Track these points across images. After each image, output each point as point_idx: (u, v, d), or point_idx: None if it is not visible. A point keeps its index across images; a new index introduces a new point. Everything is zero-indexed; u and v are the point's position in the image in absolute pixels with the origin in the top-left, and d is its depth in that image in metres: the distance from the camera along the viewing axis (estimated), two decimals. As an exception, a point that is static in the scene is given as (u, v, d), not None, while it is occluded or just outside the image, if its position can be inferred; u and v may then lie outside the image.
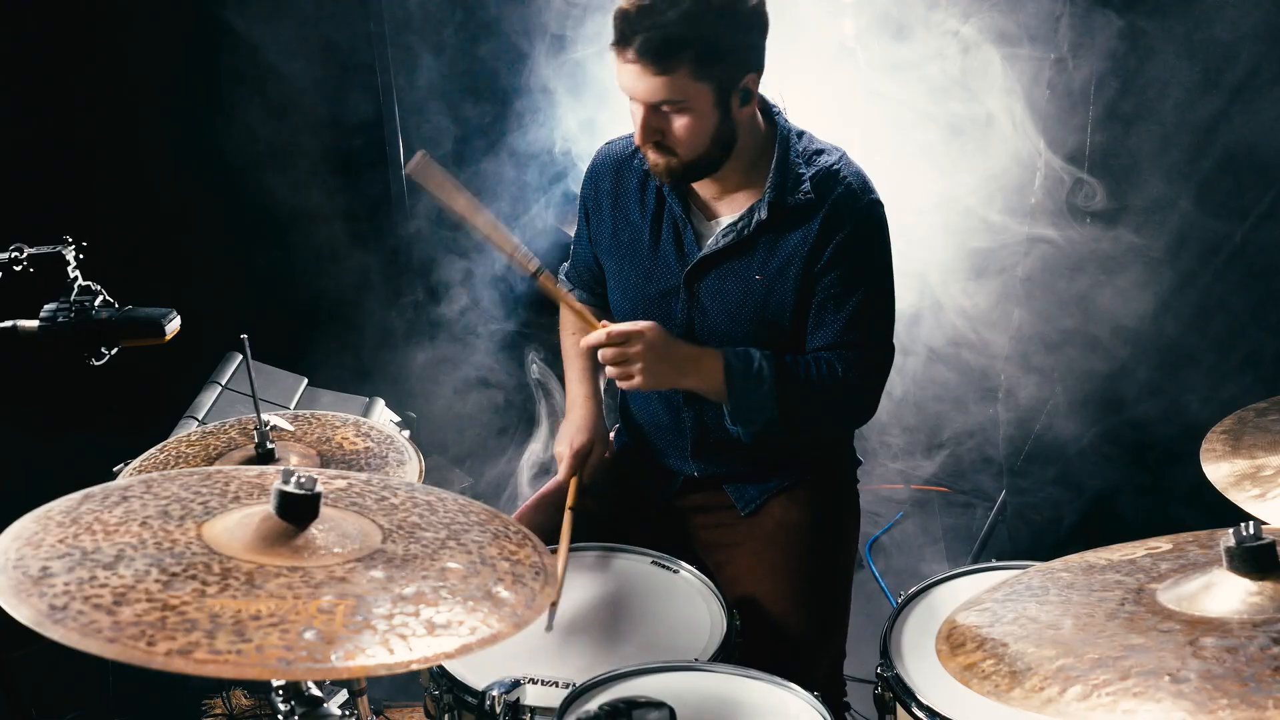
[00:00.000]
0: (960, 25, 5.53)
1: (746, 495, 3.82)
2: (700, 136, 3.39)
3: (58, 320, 3.02)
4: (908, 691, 2.96)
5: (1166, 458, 5.17)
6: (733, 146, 3.46)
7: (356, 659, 1.94)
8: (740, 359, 3.54)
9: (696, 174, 3.52)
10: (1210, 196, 4.98)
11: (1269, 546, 2.08)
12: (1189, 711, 1.80)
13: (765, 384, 3.51)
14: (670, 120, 3.38)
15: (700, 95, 3.32)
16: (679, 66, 3.27)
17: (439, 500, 2.63)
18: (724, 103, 3.36)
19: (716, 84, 3.32)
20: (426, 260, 6.58)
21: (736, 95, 3.37)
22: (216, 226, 6.15)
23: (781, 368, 3.53)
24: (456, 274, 6.44)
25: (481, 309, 6.44)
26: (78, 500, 2.33)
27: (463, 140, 6.42)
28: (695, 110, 3.35)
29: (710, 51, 3.26)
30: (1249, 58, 4.78)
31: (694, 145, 3.41)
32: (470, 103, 6.42)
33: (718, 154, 3.46)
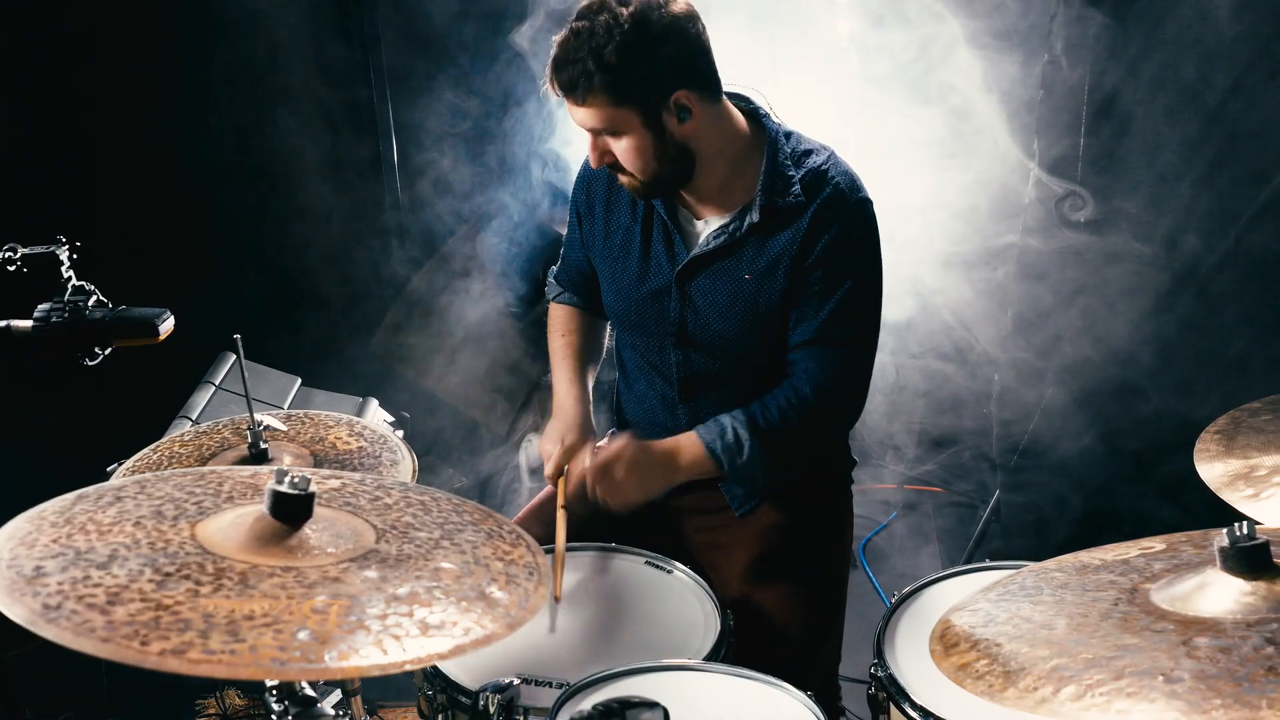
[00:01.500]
0: (954, 26, 5.53)
1: (740, 495, 3.82)
2: (643, 157, 3.42)
3: (51, 320, 3.02)
4: (901, 691, 2.96)
5: (1160, 458, 5.17)
6: (691, 160, 3.47)
7: (350, 659, 1.94)
8: (713, 433, 3.60)
9: (665, 189, 3.55)
10: (1204, 197, 4.99)
11: (1263, 546, 2.09)
12: (1182, 712, 1.80)
13: (745, 447, 3.56)
14: (612, 144, 3.43)
15: (626, 120, 3.36)
16: (593, 97, 3.32)
17: (432, 500, 2.63)
18: (655, 123, 3.37)
19: (640, 107, 3.34)
20: (421, 260, 6.58)
21: (669, 114, 3.37)
22: (210, 227, 6.15)
23: (755, 426, 3.56)
24: (451, 274, 6.45)
25: (477, 309, 6.44)
26: (71, 500, 2.33)
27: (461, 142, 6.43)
28: (628, 134, 3.38)
29: (618, 79, 3.28)
30: (1243, 58, 4.79)
31: (641, 166, 3.44)
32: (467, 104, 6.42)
33: (674, 170, 3.47)
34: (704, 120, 3.44)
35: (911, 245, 5.64)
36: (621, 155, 3.43)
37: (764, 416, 3.56)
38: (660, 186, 3.51)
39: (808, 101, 5.41)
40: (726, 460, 3.56)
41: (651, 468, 3.57)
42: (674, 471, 3.61)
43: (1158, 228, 5.12)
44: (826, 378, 3.57)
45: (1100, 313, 5.33)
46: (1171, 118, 5.00)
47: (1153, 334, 5.19)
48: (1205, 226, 5.02)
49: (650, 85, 3.32)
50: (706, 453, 3.57)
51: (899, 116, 5.82)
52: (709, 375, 3.72)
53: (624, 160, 3.43)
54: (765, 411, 3.57)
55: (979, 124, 5.61)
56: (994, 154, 5.57)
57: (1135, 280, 5.19)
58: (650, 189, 3.51)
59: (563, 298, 4.13)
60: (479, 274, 6.45)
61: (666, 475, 3.61)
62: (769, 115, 3.65)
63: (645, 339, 3.79)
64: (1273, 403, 3.19)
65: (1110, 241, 5.23)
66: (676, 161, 3.45)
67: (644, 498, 3.58)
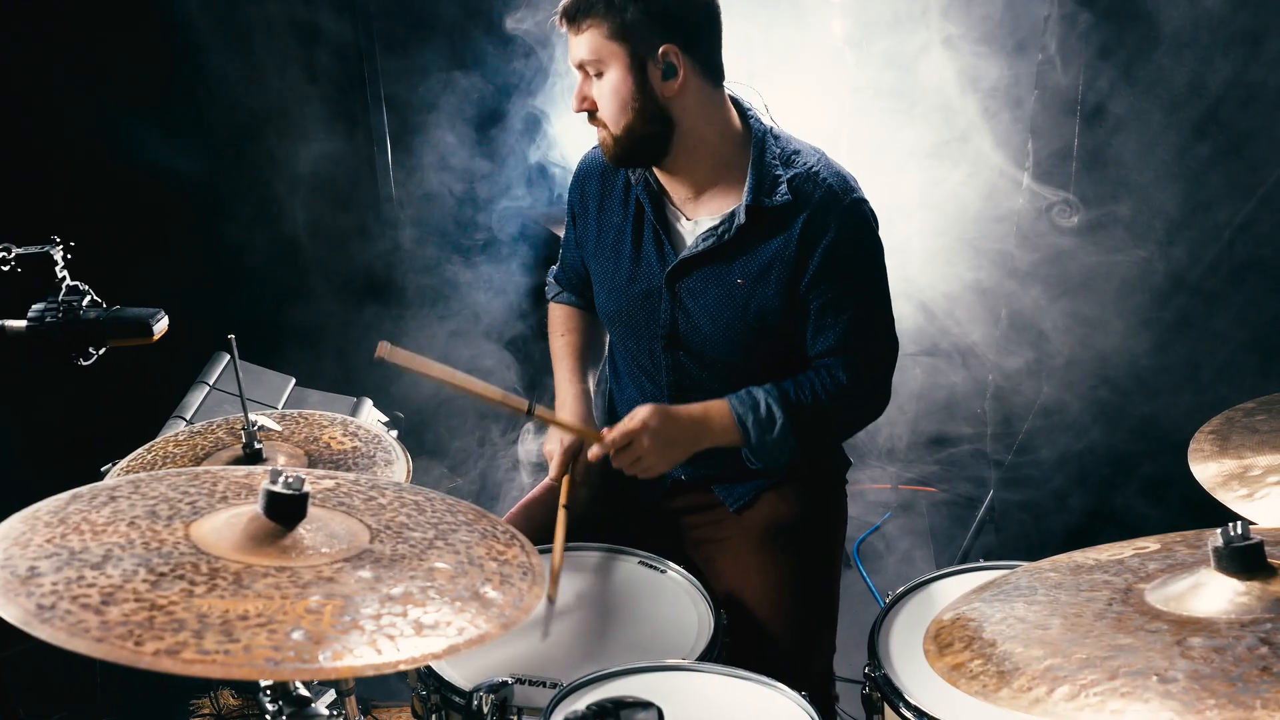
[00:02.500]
0: (948, 26, 5.53)
1: (735, 493, 3.83)
2: (617, 102, 3.44)
3: (45, 320, 3.02)
4: (895, 691, 2.96)
5: (1154, 458, 5.18)
6: (669, 127, 3.49)
7: (344, 659, 1.94)
8: (746, 405, 3.58)
9: (635, 151, 3.55)
10: (1197, 198, 4.99)
11: (1257, 546, 2.09)
12: (1176, 711, 1.80)
13: (777, 424, 3.56)
14: (595, 86, 3.47)
15: (614, 56, 3.40)
16: (591, 22, 3.38)
17: (427, 500, 2.63)
18: (639, 69, 3.40)
19: (629, 46, 3.37)
20: (416, 260, 6.58)
21: (655, 65, 3.40)
22: (204, 226, 6.15)
23: (788, 402, 3.57)
24: (445, 274, 6.45)
25: (471, 309, 6.44)
26: (65, 500, 2.33)
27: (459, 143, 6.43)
28: (610, 71, 3.42)
29: (617, 9, 3.34)
30: (1237, 59, 4.79)
31: (614, 113, 3.46)
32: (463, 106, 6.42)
33: (646, 129, 3.48)
34: (690, 90, 3.46)
35: (905, 246, 5.64)
36: (601, 99, 3.46)
37: (797, 394, 3.58)
38: (632, 147, 3.52)
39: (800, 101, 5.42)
40: (755, 434, 3.56)
41: (676, 436, 3.56)
42: (700, 439, 3.60)
43: (1151, 228, 5.12)
44: (857, 375, 3.61)
45: (1094, 313, 5.33)
46: (1165, 118, 5.00)
47: (1146, 334, 5.19)
48: (1199, 227, 5.02)
49: (643, 24, 3.36)
50: (736, 423, 3.57)
51: (891, 117, 5.83)
52: (698, 380, 3.72)
53: (601, 104, 3.47)
54: (799, 390, 3.58)
55: (972, 124, 5.61)
56: (987, 155, 5.57)
57: (1129, 280, 5.19)
58: (622, 147, 3.52)
59: (562, 297, 4.14)
60: (476, 274, 6.45)
61: (693, 442, 3.60)
62: (754, 113, 3.65)
63: (636, 341, 3.79)
64: (1266, 403, 3.19)
65: (1103, 242, 5.23)
66: (652, 120, 3.46)
67: (669, 467, 3.59)
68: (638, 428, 3.51)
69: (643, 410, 3.53)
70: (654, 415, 3.52)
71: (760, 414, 3.56)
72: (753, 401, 3.57)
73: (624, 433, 3.51)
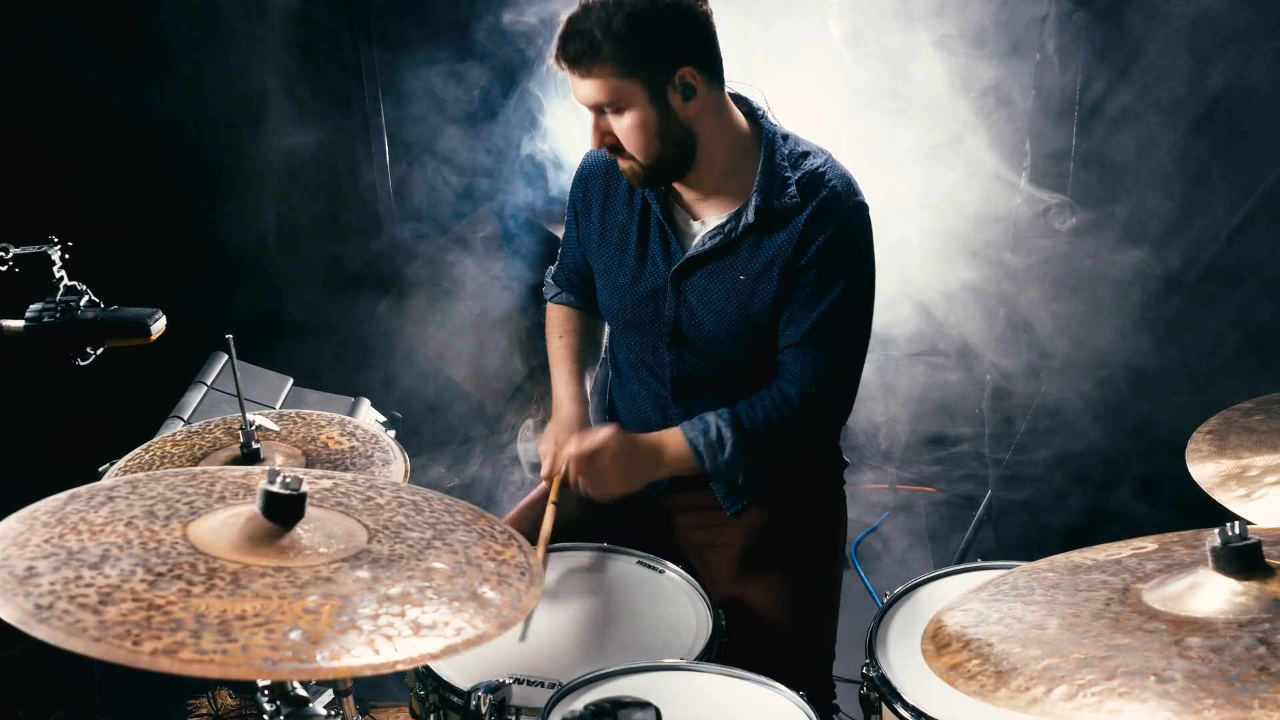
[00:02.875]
0: (945, 27, 5.53)
1: (732, 495, 3.82)
2: (645, 135, 3.41)
3: (43, 320, 3.02)
4: (893, 691, 2.96)
5: (1152, 458, 5.18)
6: (693, 144, 3.47)
7: (342, 659, 1.94)
8: (697, 429, 3.59)
9: (664, 175, 3.55)
10: (1196, 197, 4.99)
11: (1254, 546, 2.09)
12: (1174, 711, 1.80)
13: (727, 445, 3.56)
14: (614, 122, 3.43)
15: (631, 93, 3.36)
16: (600, 67, 3.33)
17: (424, 500, 2.63)
18: (660, 98, 3.37)
19: (645, 80, 3.34)
20: (414, 261, 6.58)
21: (674, 91, 3.37)
22: (202, 226, 6.15)
23: (738, 424, 3.57)
24: (443, 275, 6.45)
25: (469, 309, 6.44)
26: (63, 500, 2.33)
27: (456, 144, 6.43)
28: (631, 108, 3.38)
29: (627, 49, 3.30)
30: (1235, 58, 4.78)
31: (642, 145, 3.43)
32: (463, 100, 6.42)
33: (675, 152, 3.47)
34: (707, 104, 3.45)
35: (903, 246, 5.64)
36: (623, 134, 3.42)
37: (749, 416, 3.57)
38: (660, 171, 3.51)
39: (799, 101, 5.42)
40: (708, 457, 3.56)
41: (635, 460, 3.57)
42: (657, 465, 3.61)
43: (1148, 229, 5.11)
44: (813, 380, 3.57)
45: (1092, 313, 5.33)
46: (1162, 119, 5.00)
47: (1144, 335, 5.19)
48: (1196, 227, 5.02)
49: (656, 57, 3.33)
50: (689, 449, 3.58)
51: (889, 117, 5.83)
52: (702, 376, 3.72)
53: (625, 139, 3.43)
54: (750, 412, 3.57)
55: (969, 124, 5.61)
56: (984, 155, 5.57)
57: (1126, 281, 5.19)
58: (650, 173, 3.50)
59: (560, 298, 4.13)
60: (473, 275, 6.45)
61: (650, 469, 3.61)
62: (765, 115, 3.65)
63: (639, 338, 3.79)
64: (1264, 403, 3.19)
65: (1100, 242, 5.23)
66: (679, 143, 3.45)
67: (625, 490, 3.58)
68: (600, 446, 3.53)
69: (607, 430, 3.55)
70: (616, 437, 3.54)
71: (710, 437, 3.56)
72: (704, 425, 3.58)
73: (588, 450, 3.53)
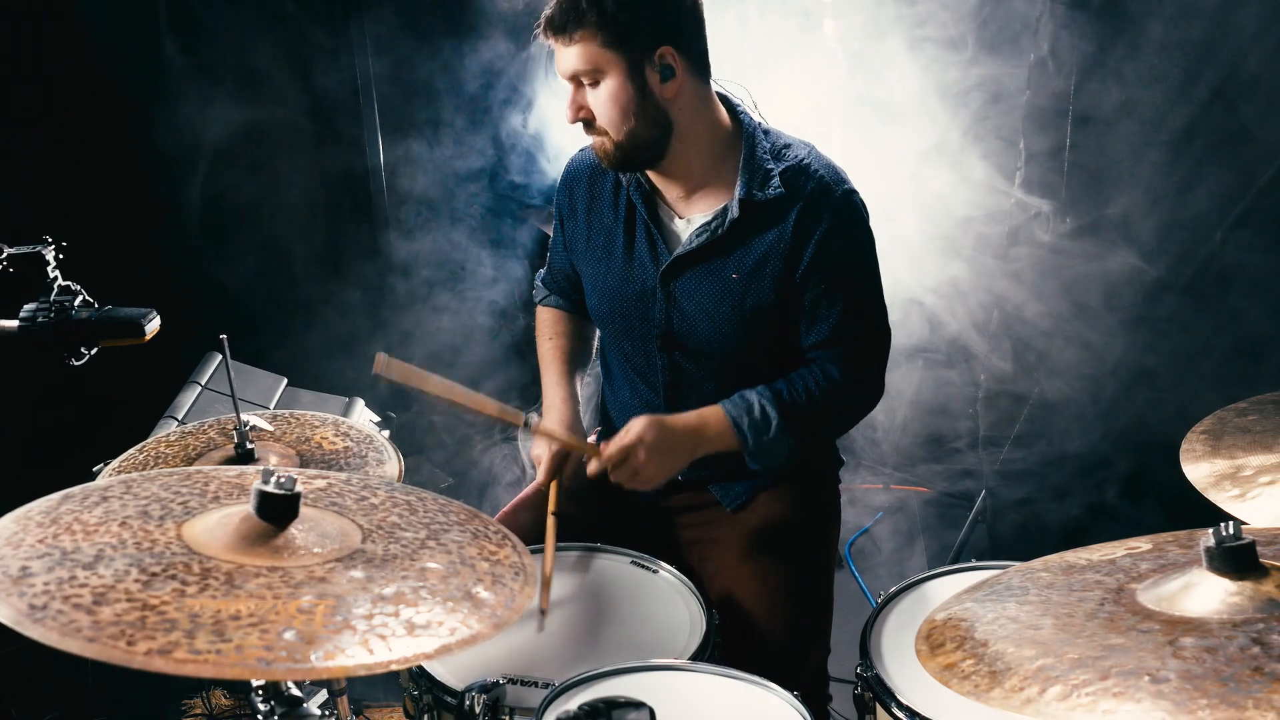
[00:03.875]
0: (940, 27, 5.53)
1: (733, 492, 3.83)
2: (618, 109, 3.42)
3: (37, 320, 3.02)
4: (887, 691, 2.96)
5: (1146, 458, 5.18)
6: (668, 128, 3.48)
7: (336, 659, 1.94)
8: (740, 408, 3.58)
9: (636, 156, 3.54)
10: (1189, 199, 4.99)
11: (1248, 546, 2.09)
12: (1168, 711, 1.80)
13: (773, 424, 3.56)
14: (590, 95, 3.45)
15: (611, 64, 3.37)
16: (583, 33, 3.34)
17: (419, 500, 2.63)
18: (638, 73, 3.38)
19: (625, 52, 3.36)
20: (408, 260, 6.58)
21: (653, 69, 3.39)
22: (196, 227, 6.15)
23: (781, 402, 3.57)
24: (437, 274, 6.45)
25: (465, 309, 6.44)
26: (57, 500, 2.33)
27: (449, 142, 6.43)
28: (608, 79, 3.39)
29: (611, 18, 3.32)
30: (1229, 58, 4.79)
31: (615, 119, 3.44)
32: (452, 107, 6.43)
33: (648, 133, 3.47)
34: (686, 89, 3.46)
35: (896, 247, 5.64)
36: (599, 107, 3.44)
37: (790, 394, 3.58)
38: (633, 152, 3.51)
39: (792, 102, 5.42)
40: (752, 436, 3.56)
41: (673, 446, 3.54)
42: (697, 446, 3.58)
43: (1142, 229, 5.12)
44: (851, 368, 3.62)
45: (1085, 314, 5.34)
46: (1156, 120, 5.01)
47: (1137, 335, 5.20)
48: (1190, 228, 5.02)
49: (639, 31, 3.35)
50: (732, 427, 3.56)
51: (883, 118, 5.83)
52: (695, 379, 3.72)
53: (600, 112, 3.44)
54: (792, 389, 3.58)
55: (963, 125, 5.62)
56: (978, 156, 5.57)
57: (1120, 281, 5.20)
58: (624, 152, 3.50)
59: (550, 301, 4.13)
60: (467, 273, 6.45)
61: (690, 451, 3.58)
62: (743, 109, 3.66)
63: (630, 342, 3.79)
64: (1258, 403, 3.20)
65: (1095, 243, 5.23)
66: (654, 123, 3.45)
67: (667, 477, 3.56)
68: (634, 441, 3.49)
69: (638, 423, 3.51)
70: (650, 428, 3.50)
71: (755, 416, 3.55)
72: (746, 404, 3.57)
73: (621, 447, 3.49)
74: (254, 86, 6.11)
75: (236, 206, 6.19)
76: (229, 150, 6.02)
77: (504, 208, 6.48)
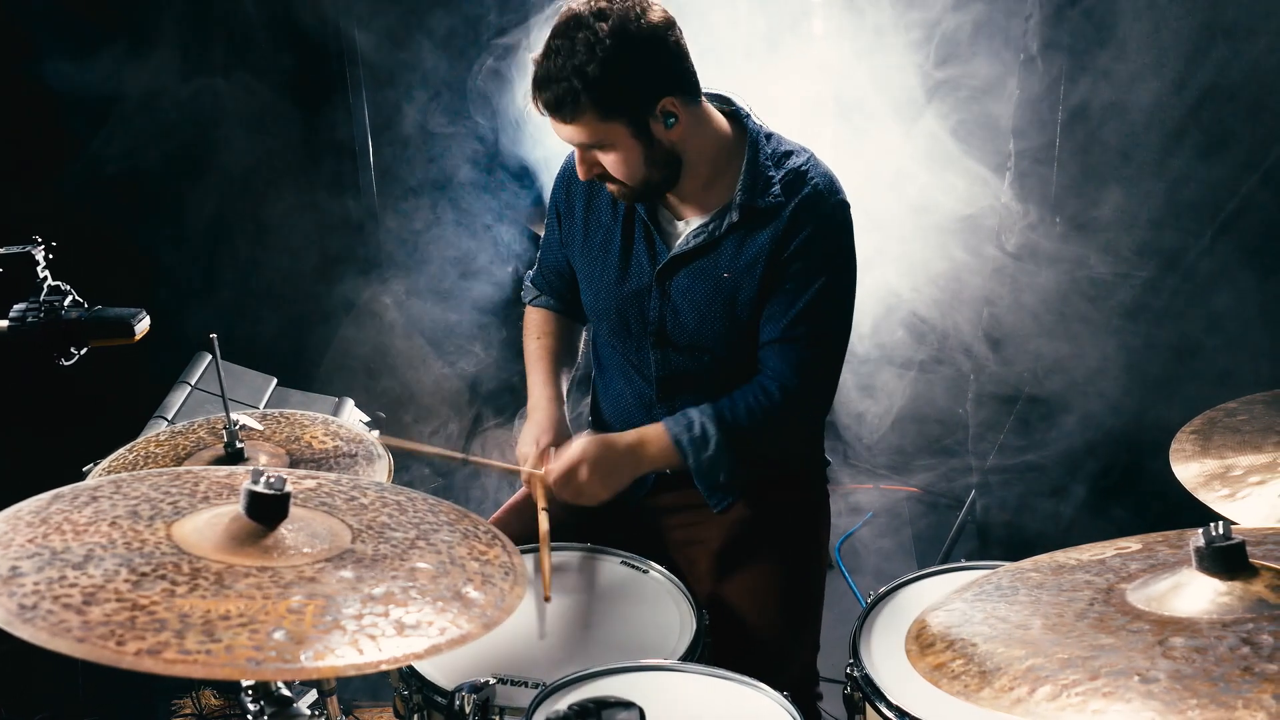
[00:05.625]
0: (930, 25, 5.53)
1: (716, 493, 3.83)
2: (632, 167, 3.44)
3: (27, 320, 3.02)
4: (877, 691, 2.96)
5: (1135, 458, 5.19)
6: (678, 163, 3.50)
7: (326, 659, 1.94)
8: (680, 425, 3.61)
9: (654, 194, 3.58)
10: (1179, 198, 5.00)
11: (1238, 546, 2.09)
12: (1158, 711, 1.80)
13: (711, 441, 3.58)
14: (601, 157, 3.45)
15: (614, 132, 3.38)
16: (581, 114, 3.34)
17: (408, 500, 2.63)
18: (643, 132, 3.39)
19: (627, 119, 3.36)
20: (398, 261, 6.58)
21: (656, 121, 3.39)
22: (185, 226, 6.14)
23: (722, 420, 3.58)
24: (428, 275, 6.44)
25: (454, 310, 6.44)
26: (47, 500, 2.33)
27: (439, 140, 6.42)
28: (617, 146, 3.40)
29: (605, 95, 3.30)
30: (1219, 56, 4.79)
31: (630, 175, 3.46)
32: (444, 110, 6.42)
33: (664, 174, 3.50)
34: (689, 124, 3.46)
35: (887, 247, 5.64)
36: (611, 167, 3.45)
37: (731, 413, 3.58)
38: (648, 191, 3.53)
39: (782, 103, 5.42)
40: (692, 453, 3.58)
41: (616, 464, 3.58)
42: (639, 464, 3.63)
43: (1132, 229, 5.13)
44: (793, 376, 3.60)
45: (1074, 314, 5.34)
46: (1146, 118, 5.01)
47: (1128, 334, 5.20)
48: (1180, 227, 5.03)
49: (636, 97, 3.35)
50: (673, 444, 3.59)
51: (873, 118, 5.82)
52: (687, 375, 3.73)
53: (614, 171, 3.45)
54: (733, 408, 3.59)
55: (953, 123, 5.62)
56: (968, 154, 5.57)
57: (1111, 280, 5.20)
58: (639, 194, 3.54)
59: (538, 301, 4.14)
60: (456, 272, 6.44)
61: (632, 468, 3.62)
62: (750, 116, 3.66)
63: (624, 339, 3.80)
64: (1248, 403, 3.20)
65: (1085, 242, 5.24)
66: (665, 166, 3.47)
67: (612, 494, 3.60)
68: (576, 459, 3.54)
69: (580, 441, 3.57)
70: (592, 445, 3.55)
71: (695, 433, 3.58)
72: (687, 421, 3.60)
73: (564, 465, 3.56)
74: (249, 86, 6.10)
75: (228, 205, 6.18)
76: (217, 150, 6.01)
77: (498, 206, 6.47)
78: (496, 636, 2.20)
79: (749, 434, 3.59)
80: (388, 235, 6.59)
